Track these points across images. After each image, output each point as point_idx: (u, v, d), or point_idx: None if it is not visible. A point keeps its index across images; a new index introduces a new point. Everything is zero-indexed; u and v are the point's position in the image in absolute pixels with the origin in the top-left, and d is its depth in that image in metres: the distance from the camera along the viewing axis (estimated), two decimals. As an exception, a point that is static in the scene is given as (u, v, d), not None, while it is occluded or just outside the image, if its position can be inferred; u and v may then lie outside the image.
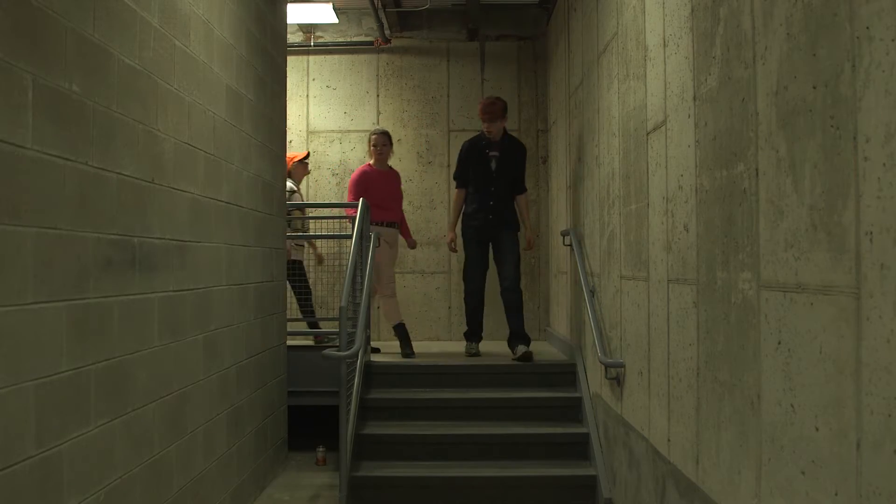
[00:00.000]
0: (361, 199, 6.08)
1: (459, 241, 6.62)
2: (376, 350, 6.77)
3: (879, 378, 1.64)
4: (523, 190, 6.48)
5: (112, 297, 2.99)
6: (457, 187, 6.51)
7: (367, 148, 7.33)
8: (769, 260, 2.23)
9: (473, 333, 6.57)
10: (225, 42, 4.37)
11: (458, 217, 6.54)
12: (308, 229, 7.52)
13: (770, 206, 2.22)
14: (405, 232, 7.00)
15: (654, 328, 3.56)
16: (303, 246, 7.26)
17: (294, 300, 6.87)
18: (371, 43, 8.29)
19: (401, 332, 6.70)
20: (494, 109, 6.32)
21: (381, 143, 6.92)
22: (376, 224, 6.56)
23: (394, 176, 7.00)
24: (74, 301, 2.70)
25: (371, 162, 6.95)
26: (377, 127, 7.67)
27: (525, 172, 6.53)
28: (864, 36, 1.70)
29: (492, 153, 6.31)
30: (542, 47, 8.16)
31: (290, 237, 6.54)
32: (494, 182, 6.29)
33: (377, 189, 6.72)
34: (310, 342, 6.87)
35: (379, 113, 8.31)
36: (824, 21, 1.89)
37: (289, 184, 6.71)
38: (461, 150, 6.46)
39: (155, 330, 3.39)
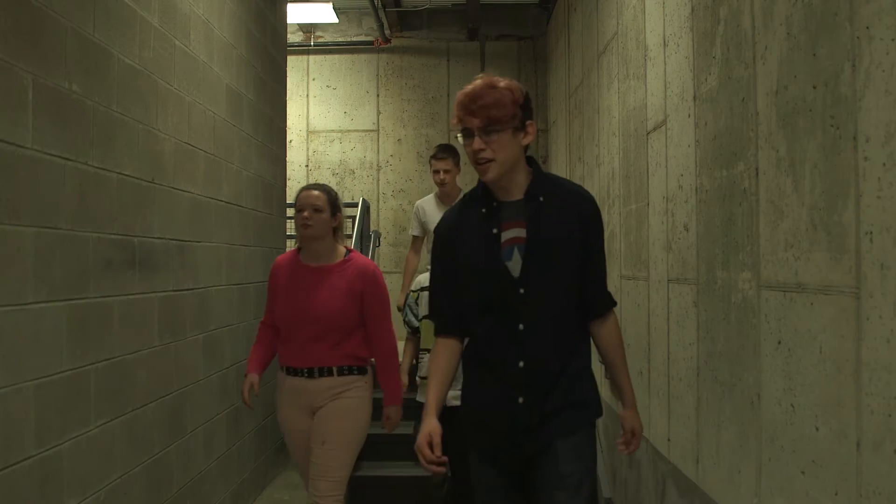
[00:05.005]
0: (362, 199, 5.98)
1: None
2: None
3: (879, 378, 1.64)
4: (607, 307, 2.44)
5: (112, 297, 2.99)
6: (439, 335, 2.42)
7: (368, 149, 7.24)
8: (769, 260, 2.23)
9: None
10: (225, 42, 4.37)
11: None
12: None
13: (770, 206, 2.22)
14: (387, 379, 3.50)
15: (654, 328, 3.56)
16: None
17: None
18: (371, 43, 8.29)
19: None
20: (487, 102, 2.25)
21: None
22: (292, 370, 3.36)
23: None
24: (74, 301, 2.70)
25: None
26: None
27: (604, 265, 2.47)
28: (864, 36, 1.70)
29: (509, 233, 2.31)
30: (542, 47, 8.16)
31: (290, 237, 6.54)
32: (523, 308, 2.28)
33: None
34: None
35: (379, 113, 8.32)
36: (824, 21, 1.89)
37: None
38: (436, 235, 2.48)
39: (155, 330, 3.39)
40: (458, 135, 2.23)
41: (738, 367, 2.48)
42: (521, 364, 2.23)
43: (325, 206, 3.30)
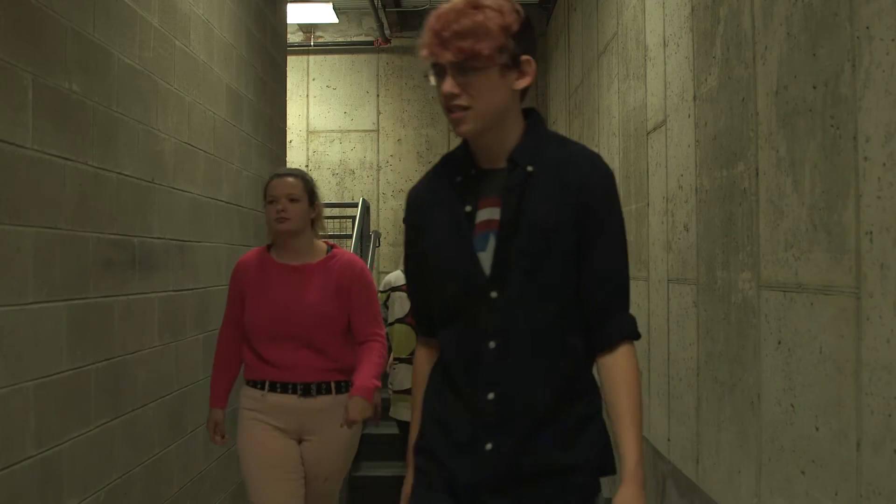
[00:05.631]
0: (362, 199, 5.98)
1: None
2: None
3: (879, 378, 1.64)
4: (620, 335, 1.67)
5: (112, 297, 2.99)
6: (419, 338, 1.88)
7: (368, 149, 7.22)
8: (769, 260, 2.23)
9: None
10: (225, 42, 4.37)
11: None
12: None
13: (770, 206, 2.22)
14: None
15: (654, 328, 3.56)
16: None
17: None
18: (371, 43, 8.29)
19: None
20: (465, 27, 1.57)
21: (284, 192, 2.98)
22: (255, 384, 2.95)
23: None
24: (74, 301, 2.70)
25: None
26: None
27: (623, 259, 1.70)
28: (864, 36, 1.70)
29: (487, 212, 1.66)
30: (542, 47, 8.16)
31: None
32: (495, 318, 1.64)
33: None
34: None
35: (379, 113, 8.31)
36: (824, 21, 1.89)
37: None
38: (405, 214, 1.83)
39: (155, 330, 3.39)
40: (429, 75, 1.60)
41: (738, 367, 2.48)
42: (491, 396, 1.60)
43: (301, 194, 2.85)
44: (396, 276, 5.18)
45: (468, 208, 1.64)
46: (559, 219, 1.61)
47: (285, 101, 5.85)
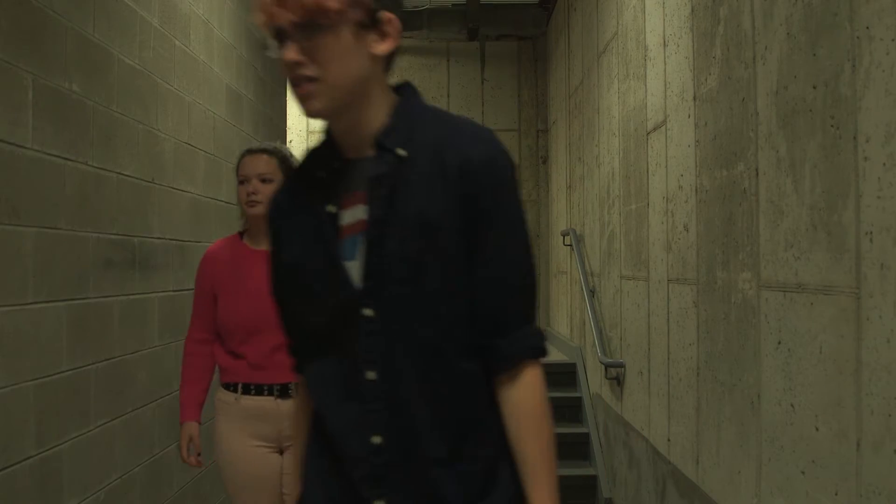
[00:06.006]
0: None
1: None
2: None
3: (879, 378, 1.64)
4: (519, 355, 1.32)
5: (112, 297, 2.99)
6: (297, 375, 1.48)
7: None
8: (769, 260, 2.23)
9: None
10: (225, 42, 4.37)
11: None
12: None
13: (770, 206, 2.22)
14: None
15: (654, 328, 3.56)
16: None
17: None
18: (371, 43, 8.30)
19: None
20: None
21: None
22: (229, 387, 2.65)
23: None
24: (74, 301, 2.70)
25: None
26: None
27: (521, 258, 1.34)
28: (864, 36, 1.70)
29: (350, 212, 1.33)
30: (542, 47, 8.16)
31: None
32: (373, 336, 1.29)
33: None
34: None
35: (379, 113, 8.32)
36: (824, 21, 1.89)
37: None
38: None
39: (155, 330, 3.39)
40: (269, 45, 1.34)
41: (738, 367, 2.48)
42: (377, 441, 1.27)
43: (275, 173, 2.56)
44: None
45: (331, 208, 1.31)
46: (441, 213, 1.26)
47: (285, 100, 5.85)
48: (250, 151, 2.62)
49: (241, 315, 2.55)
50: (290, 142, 8.04)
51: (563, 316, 6.89)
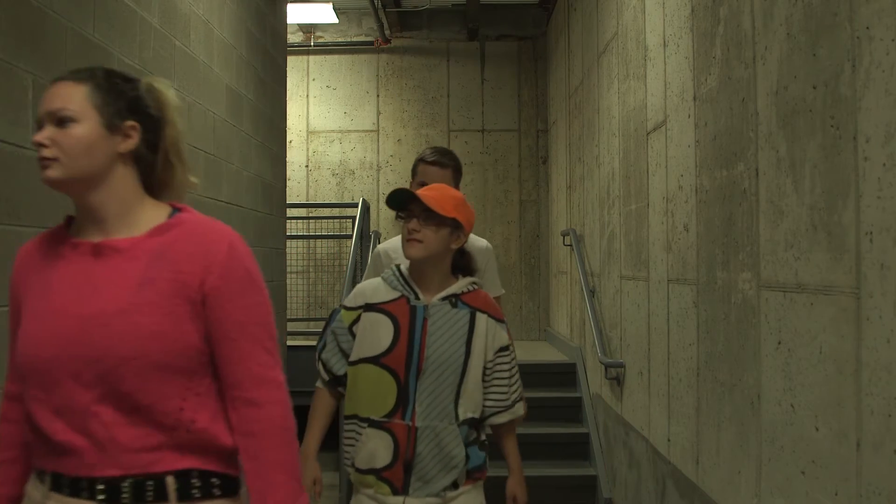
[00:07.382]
0: (362, 199, 5.98)
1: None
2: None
3: (879, 378, 1.64)
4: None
5: (112, 297, 2.98)
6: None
7: (368, 150, 7.16)
8: (769, 260, 2.23)
9: None
10: (225, 42, 4.37)
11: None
12: None
13: (770, 206, 2.22)
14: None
15: (655, 328, 3.56)
16: None
17: (294, 300, 6.88)
18: (371, 43, 8.29)
19: None
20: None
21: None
22: None
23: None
24: (74, 301, 2.70)
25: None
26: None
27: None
28: (864, 36, 1.70)
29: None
30: (542, 47, 8.16)
31: (291, 237, 6.54)
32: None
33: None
34: (310, 342, 6.88)
35: (379, 113, 8.32)
36: (824, 21, 1.89)
37: None
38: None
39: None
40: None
41: (738, 367, 2.48)
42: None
43: (83, 108, 1.43)
44: (374, 286, 2.33)
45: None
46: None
47: (285, 101, 5.85)
48: (57, 79, 1.47)
49: (32, 350, 1.41)
50: (290, 142, 8.05)
51: (563, 316, 6.89)
